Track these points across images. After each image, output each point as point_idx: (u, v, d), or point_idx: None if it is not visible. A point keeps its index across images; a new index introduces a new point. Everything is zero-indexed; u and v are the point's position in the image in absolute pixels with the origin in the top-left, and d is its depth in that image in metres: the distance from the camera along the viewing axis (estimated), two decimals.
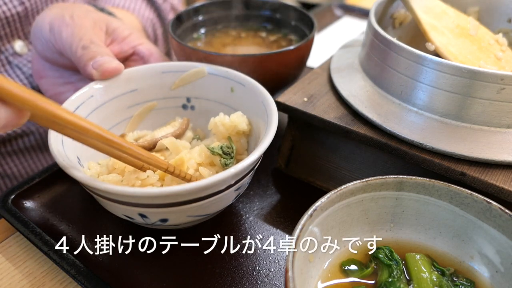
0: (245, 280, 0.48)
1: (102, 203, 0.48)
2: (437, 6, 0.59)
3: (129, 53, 0.63)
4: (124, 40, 0.62)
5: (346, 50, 0.65)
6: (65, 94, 0.64)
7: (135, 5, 0.84)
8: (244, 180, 0.48)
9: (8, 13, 0.70)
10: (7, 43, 0.74)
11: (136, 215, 0.46)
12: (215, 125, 0.54)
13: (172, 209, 0.44)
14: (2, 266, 0.51)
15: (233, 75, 0.58)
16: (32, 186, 0.58)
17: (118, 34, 0.62)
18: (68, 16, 0.59)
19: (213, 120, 0.54)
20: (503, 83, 0.45)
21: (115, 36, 0.62)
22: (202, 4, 0.73)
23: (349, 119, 0.53)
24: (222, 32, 0.75)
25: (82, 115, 0.53)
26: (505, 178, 0.45)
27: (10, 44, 0.74)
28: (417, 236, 0.45)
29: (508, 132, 0.48)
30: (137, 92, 0.59)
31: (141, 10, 0.85)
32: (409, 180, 0.43)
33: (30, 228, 0.52)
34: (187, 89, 0.61)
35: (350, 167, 0.57)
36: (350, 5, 1.10)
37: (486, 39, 0.59)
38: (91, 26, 0.59)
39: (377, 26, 0.54)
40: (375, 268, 0.42)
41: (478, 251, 0.42)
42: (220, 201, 0.47)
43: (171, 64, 0.60)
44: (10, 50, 0.74)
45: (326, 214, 0.41)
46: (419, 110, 0.51)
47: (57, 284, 0.50)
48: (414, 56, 0.49)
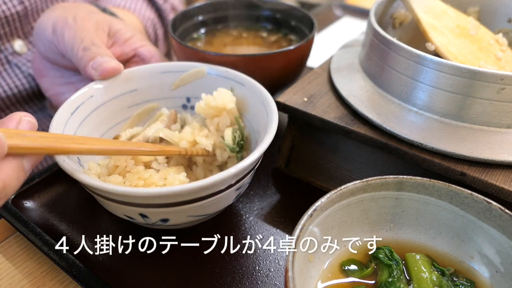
0: (245, 280, 0.48)
1: (102, 203, 0.48)
2: (437, 6, 0.59)
3: (130, 55, 0.64)
4: (126, 42, 0.63)
5: (346, 50, 0.65)
6: (65, 94, 0.64)
7: (136, 5, 0.84)
8: (244, 180, 0.48)
9: (8, 12, 0.70)
10: (6, 42, 0.74)
11: (136, 215, 0.46)
12: (203, 108, 0.55)
13: (173, 209, 0.44)
14: (2, 266, 0.51)
15: (233, 75, 0.58)
16: (32, 186, 0.58)
17: (120, 36, 0.62)
18: (71, 18, 0.59)
19: (199, 105, 0.55)
20: (503, 83, 0.45)
21: (117, 38, 0.63)
22: (202, 4, 0.73)
23: (349, 119, 0.53)
24: (222, 32, 0.75)
25: (82, 115, 0.53)
26: (505, 178, 0.45)
27: (10, 43, 0.74)
28: (417, 236, 0.45)
29: (508, 132, 0.48)
30: (136, 92, 0.59)
31: (142, 10, 0.85)
32: (409, 180, 0.43)
33: (30, 228, 0.52)
34: (187, 89, 0.61)
35: (350, 167, 0.57)
36: (350, 5, 1.10)
37: (486, 39, 0.59)
38: (93, 28, 0.60)
39: (377, 26, 0.54)
40: (375, 268, 0.42)
41: (478, 251, 0.42)
42: (221, 200, 0.47)
43: (170, 64, 0.60)
44: (10, 49, 0.74)
45: (326, 214, 0.41)
46: (419, 110, 0.51)
47: (57, 284, 0.50)
48: (414, 56, 0.49)
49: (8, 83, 0.75)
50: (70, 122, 0.51)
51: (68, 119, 0.51)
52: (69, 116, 0.51)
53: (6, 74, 0.75)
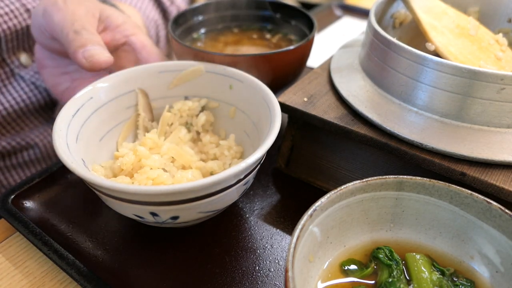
0: (245, 280, 0.48)
1: (110, 203, 0.48)
2: (437, 6, 0.59)
3: (121, 42, 0.63)
4: (117, 28, 0.62)
5: (346, 50, 0.65)
6: (61, 84, 0.64)
7: (142, 4, 0.84)
8: (252, 174, 0.48)
9: (18, 26, 0.70)
10: (12, 55, 0.73)
11: (147, 214, 0.46)
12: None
13: (184, 206, 0.44)
14: (2, 266, 0.51)
15: (231, 72, 0.58)
16: (32, 186, 0.58)
17: (111, 21, 0.62)
18: (61, 1, 0.59)
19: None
20: (503, 83, 0.45)
21: (108, 23, 0.62)
22: (202, 4, 0.73)
23: (349, 119, 0.53)
24: (222, 32, 0.75)
25: (83, 117, 0.53)
26: (505, 178, 0.45)
27: (16, 56, 0.74)
28: (417, 236, 0.45)
29: (508, 132, 0.48)
30: (135, 93, 0.59)
31: (147, 11, 0.84)
32: (409, 180, 0.43)
33: (30, 228, 0.52)
34: (185, 88, 0.61)
35: (350, 167, 0.57)
36: (350, 5, 1.10)
37: (486, 39, 0.59)
38: (84, 12, 0.59)
39: (377, 26, 0.54)
40: (375, 268, 0.42)
41: (478, 251, 0.42)
42: (231, 195, 0.47)
43: (168, 63, 0.60)
44: (16, 62, 0.74)
45: (326, 214, 0.41)
46: (419, 110, 0.51)
47: (57, 284, 0.50)
48: (414, 56, 0.49)
49: (14, 97, 0.75)
50: (72, 125, 0.51)
51: (70, 121, 0.51)
52: (71, 118, 0.51)
53: (12, 87, 0.75)
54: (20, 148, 0.77)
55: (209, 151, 0.58)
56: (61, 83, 0.64)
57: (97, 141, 0.55)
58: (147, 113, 0.59)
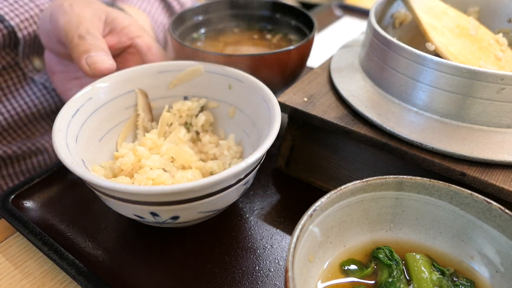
0: (245, 280, 0.48)
1: (110, 204, 0.48)
2: (437, 6, 0.59)
3: (126, 44, 0.63)
4: (122, 30, 0.62)
5: (346, 50, 0.65)
6: (71, 90, 0.64)
7: (152, 7, 0.84)
8: (252, 174, 0.48)
9: (38, 32, 0.70)
10: (27, 60, 0.73)
11: (147, 214, 0.46)
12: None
13: (184, 206, 0.44)
14: (2, 266, 0.51)
15: (230, 72, 0.58)
16: (32, 186, 0.58)
17: (117, 24, 0.62)
18: (67, 4, 0.59)
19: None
20: (503, 83, 0.45)
21: (113, 25, 0.62)
22: (202, 4, 0.73)
23: (349, 119, 0.53)
24: (222, 32, 0.75)
25: (82, 117, 0.53)
26: (505, 178, 0.45)
27: (30, 60, 0.74)
28: (417, 236, 0.45)
29: (508, 132, 0.48)
30: (134, 93, 0.59)
31: (156, 14, 0.84)
32: (409, 180, 0.43)
33: (30, 228, 0.52)
34: (184, 88, 0.61)
35: (350, 167, 0.57)
36: (350, 5, 1.10)
37: (486, 39, 0.59)
38: (89, 15, 0.59)
39: (377, 26, 0.54)
40: (375, 268, 0.42)
41: (478, 251, 0.42)
42: (231, 195, 0.47)
43: (167, 63, 0.60)
44: (30, 67, 0.74)
45: (326, 214, 0.41)
46: (419, 110, 0.51)
47: (57, 284, 0.50)
48: (414, 56, 0.49)
49: (26, 101, 0.75)
50: (72, 125, 0.51)
51: (70, 122, 0.51)
52: (71, 118, 0.51)
53: (24, 91, 0.75)
54: (29, 153, 0.77)
55: (209, 151, 0.58)
56: (71, 89, 0.64)
57: (97, 141, 0.55)
58: (147, 113, 0.59)
